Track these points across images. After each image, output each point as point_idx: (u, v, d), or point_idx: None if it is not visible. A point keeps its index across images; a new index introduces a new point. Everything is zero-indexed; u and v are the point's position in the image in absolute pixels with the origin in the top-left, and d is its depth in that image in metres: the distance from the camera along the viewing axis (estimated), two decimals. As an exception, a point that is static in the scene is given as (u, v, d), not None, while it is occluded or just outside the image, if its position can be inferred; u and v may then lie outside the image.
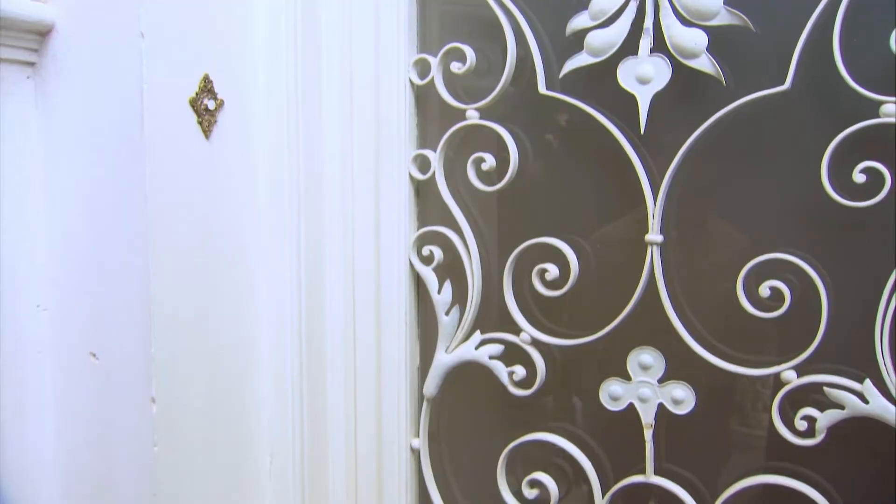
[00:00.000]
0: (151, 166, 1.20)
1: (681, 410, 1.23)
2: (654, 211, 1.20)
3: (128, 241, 1.22)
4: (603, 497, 1.30)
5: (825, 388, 1.13)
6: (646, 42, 1.18)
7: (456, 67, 1.31)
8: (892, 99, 1.05)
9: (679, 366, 1.23)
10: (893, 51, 1.04)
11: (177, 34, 1.21)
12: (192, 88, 1.24)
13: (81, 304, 1.27)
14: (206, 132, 1.26)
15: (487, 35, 1.31)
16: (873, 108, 1.06)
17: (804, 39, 1.09)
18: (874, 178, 1.07)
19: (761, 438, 1.21)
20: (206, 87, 1.24)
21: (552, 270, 1.27)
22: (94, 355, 1.27)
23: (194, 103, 1.24)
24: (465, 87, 1.33)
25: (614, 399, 1.27)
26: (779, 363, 1.16)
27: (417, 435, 1.42)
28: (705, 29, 1.15)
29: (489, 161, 1.30)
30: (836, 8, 1.07)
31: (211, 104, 1.25)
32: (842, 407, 1.12)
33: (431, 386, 1.38)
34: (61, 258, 1.27)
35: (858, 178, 1.08)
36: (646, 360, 1.24)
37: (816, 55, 1.10)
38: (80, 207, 1.25)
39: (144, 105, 1.19)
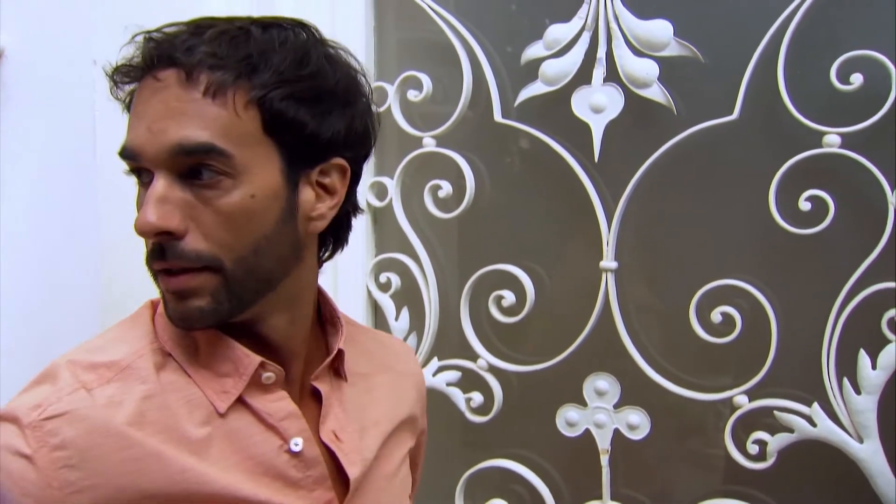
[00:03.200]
0: (104, 193, 1.19)
1: (636, 436, 1.24)
2: (609, 238, 1.22)
3: (80, 269, 1.20)
4: (561, 523, 1.30)
5: (775, 412, 1.15)
6: (599, 72, 1.21)
7: (412, 95, 1.32)
8: (834, 129, 1.08)
9: (634, 391, 1.24)
10: (834, 84, 1.08)
11: (131, 61, 1.20)
12: (147, 115, 1.23)
13: (33, 332, 1.25)
14: (161, 159, 1.25)
15: (444, 63, 1.32)
16: (817, 138, 1.09)
17: (751, 71, 1.12)
18: (819, 206, 1.10)
19: (718, 460, 1.22)
20: (161, 115, 1.23)
21: (509, 297, 1.28)
22: (44, 386, 1.24)
23: (148, 130, 1.23)
24: (421, 115, 1.34)
25: (571, 425, 1.28)
26: (732, 387, 1.17)
27: (375, 462, 1.41)
28: (656, 59, 1.17)
29: (446, 188, 1.31)
30: (781, 41, 1.10)
31: (165, 131, 1.24)
32: (791, 430, 1.14)
33: (389, 413, 1.38)
34: (12, 285, 1.25)
35: (804, 205, 1.10)
36: (601, 385, 1.25)
37: (763, 86, 1.13)
38: (31, 235, 1.23)
39: (97, 132, 1.18)
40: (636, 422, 1.24)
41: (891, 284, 1.08)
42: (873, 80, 1.06)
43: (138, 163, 0.66)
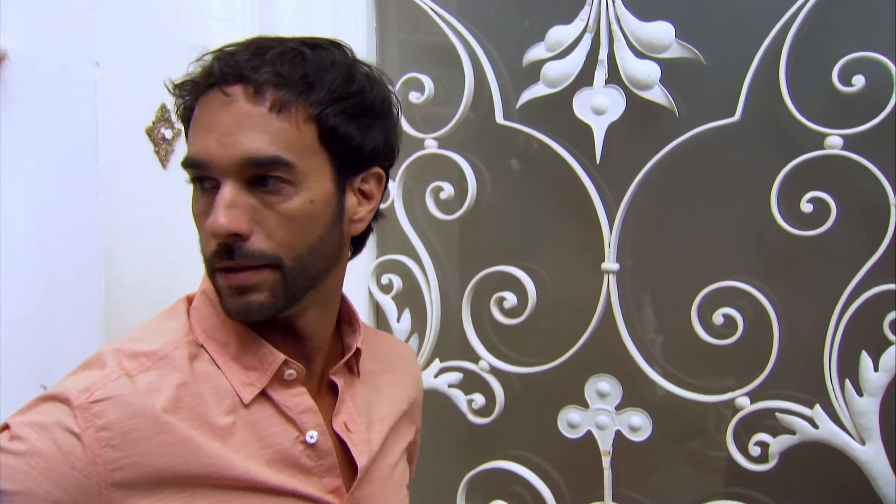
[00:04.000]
0: (106, 196, 1.19)
1: (638, 437, 1.24)
2: (611, 240, 1.22)
3: (81, 273, 1.20)
4: (562, 524, 1.30)
5: (777, 414, 1.14)
6: (600, 73, 1.20)
7: (414, 97, 1.32)
8: (836, 131, 1.08)
9: (636, 393, 1.24)
10: (836, 85, 1.08)
11: (133, 63, 1.20)
12: (149, 118, 1.23)
13: (32, 336, 1.25)
14: (164, 161, 1.25)
15: (445, 65, 1.32)
16: (819, 140, 1.09)
17: (752, 73, 1.12)
18: (821, 208, 1.10)
19: (719, 462, 1.22)
20: (164, 117, 1.24)
21: (510, 299, 1.28)
22: (45, 387, 1.24)
23: (151, 132, 1.24)
24: (423, 117, 1.35)
25: (572, 426, 1.28)
26: (734, 389, 1.17)
27: (377, 464, 1.41)
28: (658, 61, 1.17)
29: (447, 190, 1.31)
30: (783, 43, 1.10)
31: (168, 133, 1.25)
32: (793, 432, 1.13)
33: (391, 414, 1.38)
34: (12, 287, 1.25)
35: (806, 207, 1.10)
36: (603, 387, 1.25)
37: (765, 88, 1.13)
38: (30, 238, 1.23)
39: (99, 134, 1.18)
40: (638, 423, 1.24)
41: (893, 286, 1.08)
42: (875, 81, 1.06)
43: (205, 172, 0.72)
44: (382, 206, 1.33)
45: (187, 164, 0.73)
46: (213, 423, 0.73)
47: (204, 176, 0.73)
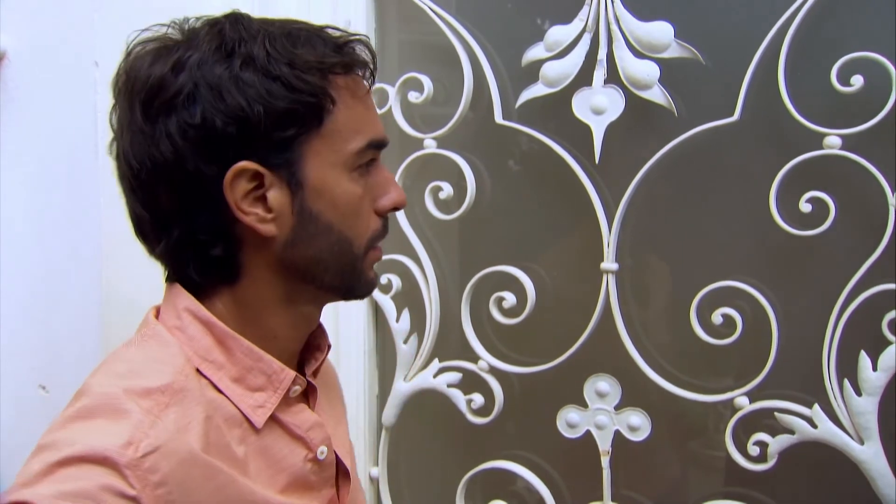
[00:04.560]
0: (106, 195, 1.19)
1: (637, 437, 1.24)
2: (609, 239, 1.22)
3: (81, 272, 1.20)
4: (561, 524, 1.30)
5: (776, 414, 1.14)
6: (600, 73, 1.21)
7: (413, 97, 1.32)
8: (835, 131, 1.08)
9: (635, 392, 1.24)
10: (835, 85, 1.08)
11: (132, 63, 1.20)
12: (148, 117, 1.23)
13: (32, 337, 1.25)
14: (162, 161, 1.25)
15: (445, 65, 1.32)
16: (817, 140, 1.09)
17: (751, 73, 1.12)
18: (819, 208, 1.10)
19: (718, 461, 1.22)
20: (163, 116, 1.24)
21: (509, 298, 1.28)
22: (44, 388, 1.24)
23: (150, 132, 1.23)
24: (422, 117, 1.35)
25: (571, 426, 1.28)
26: (733, 389, 1.17)
27: (376, 464, 1.41)
28: (657, 61, 1.17)
29: (447, 190, 1.31)
30: (781, 43, 1.10)
31: (167, 133, 1.24)
32: (792, 432, 1.14)
33: (390, 414, 1.38)
34: (12, 287, 1.25)
35: (805, 207, 1.10)
36: (602, 387, 1.25)
37: (763, 88, 1.13)
38: (31, 237, 1.24)
39: (99, 133, 1.18)
40: (637, 423, 1.24)
41: (891, 286, 1.08)
42: (874, 81, 1.06)
43: (379, 152, 0.76)
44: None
45: (378, 144, 0.75)
46: (235, 456, 0.68)
47: (376, 157, 0.76)
